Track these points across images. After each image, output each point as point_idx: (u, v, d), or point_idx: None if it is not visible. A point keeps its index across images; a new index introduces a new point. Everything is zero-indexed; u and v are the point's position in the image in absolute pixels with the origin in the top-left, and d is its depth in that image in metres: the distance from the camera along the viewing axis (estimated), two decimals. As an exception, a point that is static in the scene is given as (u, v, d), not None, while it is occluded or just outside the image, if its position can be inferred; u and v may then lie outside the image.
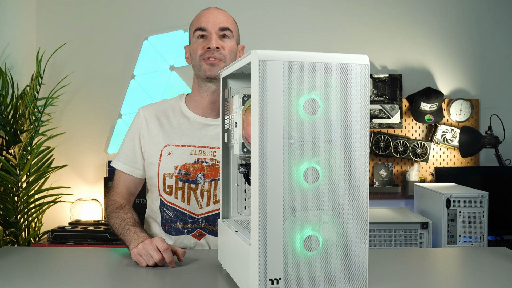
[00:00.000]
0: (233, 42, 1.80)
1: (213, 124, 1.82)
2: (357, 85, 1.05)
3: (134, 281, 1.38)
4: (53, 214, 3.58)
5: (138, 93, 3.74)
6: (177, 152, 1.79)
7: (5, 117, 3.06)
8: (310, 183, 1.04)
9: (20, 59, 3.49)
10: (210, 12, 1.79)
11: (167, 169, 1.78)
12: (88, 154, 3.73)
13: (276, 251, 1.00)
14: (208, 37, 1.77)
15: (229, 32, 1.78)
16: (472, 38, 3.90)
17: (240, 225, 1.32)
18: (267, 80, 0.99)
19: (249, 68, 1.20)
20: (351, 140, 1.06)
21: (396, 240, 2.94)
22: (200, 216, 1.77)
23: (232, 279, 1.28)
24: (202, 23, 1.77)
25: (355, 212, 1.06)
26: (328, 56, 1.03)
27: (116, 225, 1.70)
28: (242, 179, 1.45)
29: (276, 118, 0.99)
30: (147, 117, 1.84)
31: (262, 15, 3.79)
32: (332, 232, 1.06)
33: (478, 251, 1.78)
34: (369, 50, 3.82)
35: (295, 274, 1.03)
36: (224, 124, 1.44)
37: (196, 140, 1.80)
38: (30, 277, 1.39)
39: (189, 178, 1.76)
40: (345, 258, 1.06)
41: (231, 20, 1.82)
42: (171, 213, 1.78)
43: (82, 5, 3.73)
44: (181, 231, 1.77)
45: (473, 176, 3.68)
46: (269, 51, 0.99)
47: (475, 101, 3.85)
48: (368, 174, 1.06)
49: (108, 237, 3.00)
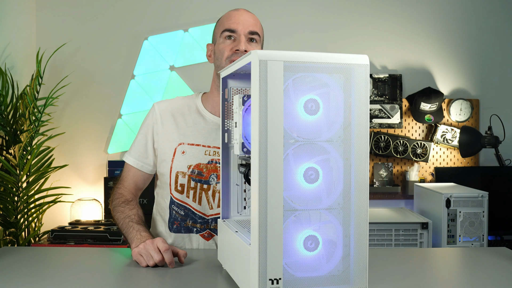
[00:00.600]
0: (259, 47, 1.78)
1: None
2: (357, 85, 1.05)
3: (134, 281, 1.38)
4: (53, 214, 3.58)
5: (138, 93, 3.74)
6: (192, 151, 1.77)
7: (5, 117, 3.06)
8: (310, 183, 1.04)
9: (20, 59, 3.49)
10: (240, 14, 1.77)
11: (180, 168, 1.76)
12: (88, 154, 3.74)
13: (276, 251, 1.00)
14: (236, 39, 1.74)
15: (257, 36, 1.76)
16: (472, 38, 3.90)
17: (240, 225, 1.32)
18: (267, 80, 0.99)
19: (249, 68, 1.21)
20: (351, 140, 1.05)
21: (396, 240, 2.94)
22: (210, 217, 1.76)
23: (232, 279, 1.28)
24: (232, 24, 1.74)
25: (355, 212, 1.06)
26: (328, 56, 1.03)
27: (120, 220, 1.69)
28: (242, 179, 1.45)
29: (276, 118, 0.99)
30: (162, 113, 1.81)
31: (262, 15, 3.78)
32: (332, 232, 1.06)
33: (478, 251, 1.78)
34: (369, 50, 3.82)
35: (295, 274, 1.03)
36: (224, 124, 1.44)
37: (211, 140, 1.78)
38: (30, 277, 1.38)
39: (202, 178, 1.75)
40: (345, 258, 1.06)
41: (260, 24, 1.80)
42: (181, 212, 1.77)
43: (82, 5, 3.73)
44: (190, 229, 1.76)
45: (473, 176, 3.68)
46: (269, 51, 0.99)
47: (475, 101, 3.85)
48: (368, 174, 1.06)
49: (108, 237, 3.00)
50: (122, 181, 1.84)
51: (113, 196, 1.80)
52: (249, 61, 1.06)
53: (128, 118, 3.73)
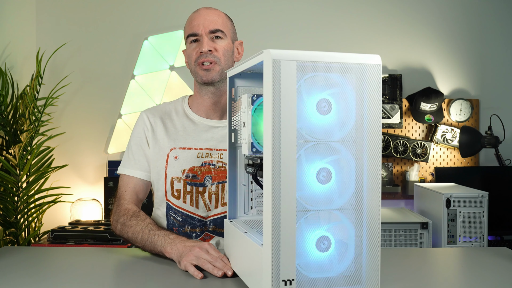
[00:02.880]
0: (227, 42, 1.77)
1: (219, 126, 1.80)
2: (369, 85, 1.05)
3: (134, 281, 1.37)
4: (53, 214, 3.57)
5: (138, 93, 3.73)
6: (184, 155, 1.76)
7: (5, 117, 3.05)
8: (322, 184, 1.03)
9: (20, 59, 3.48)
10: (199, 15, 1.76)
11: (174, 173, 1.74)
12: (88, 154, 3.73)
13: (289, 252, 0.99)
14: (200, 41, 1.74)
15: (221, 33, 1.75)
16: (472, 38, 3.91)
17: (248, 226, 1.32)
18: (280, 80, 0.98)
19: (256, 68, 1.20)
20: (364, 140, 1.05)
21: (396, 240, 2.94)
22: (208, 219, 1.75)
23: (240, 280, 1.27)
24: (193, 28, 1.75)
25: (367, 213, 1.05)
26: (340, 56, 1.03)
27: (136, 234, 1.60)
28: (248, 180, 1.44)
29: (289, 118, 0.98)
30: (152, 120, 1.80)
31: (264, 15, 3.79)
32: (344, 233, 1.06)
33: (478, 251, 1.78)
34: (369, 50, 3.82)
35: (307, 275, 1.03)
36: (231, 123, 1.43)
37: (202, 142, 1.77)
38: (30, 277, 1.37)
39: (197, 181, 1.73)
40: (357, 259, 1.06)
41: (222, 18, 1.78)
42: (179, 217, 1.75)
43: (82, 5, 3.72)
44: (189, 235, 1.74)
45: (473, 176, 3.68)
46: (282, 51, 0.99)
47: (475, 101, 3.85)
48: (380, 174, 1.06)
49: (108, 237, 2.99)
50: (122, 196, 1.76)
51: (117, 214, 1.71)
52: (260, 60, 1.05)
53: (128, 118, 3.72)
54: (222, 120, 1.82)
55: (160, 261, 1.51)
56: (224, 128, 1.79)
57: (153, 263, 1.51)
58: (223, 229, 1.72)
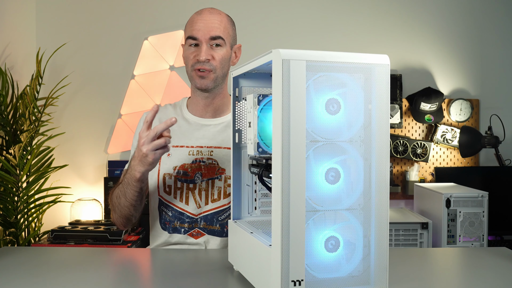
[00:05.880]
0: (225, 50, 1.79)
1: (210, 124, 1.86)
2: (377, 85, 1.05)
3: (134, 281, 1.37)
4: (53, 214, 3.56)
5: (138, 93, 3.72)
6: (176, 153, 1.82)
7: (5, 117, 3.04)
8: (331, 184, 1.03)
9: (20, 59, 3.47)
10: (202, 19, 1.76)
11: (166, 170, 1.81)
12: (88, 154, 3.72)
13: (298, 252, 0.99)
14: (199, 46, 1.77)
15: (221, 40, 1.76)
16: (472, 38, 3.92)
17: (253, 226, 1.31)
18: (290, 80, 0.98)
19: (262, 68, 1.20)
20: (372, 140, 1.05)
21: (396, 240, 2.94)
22: (199, 216, 1.78)
23: (245, 281, 1.27)
24: (194, 31, 1.76)
25: (376, 213, 1.05)
26: (349, 55, 1.03)
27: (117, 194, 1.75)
28: (252, 180, 1.44)
29: (298, 118, 0.98)
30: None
31: (264, 15, 3.79)
32: (352, 233, 1.05)
33: (478, 251, 1.78)
34: (369, 50, 3.82)
35: (316, 275, 1.02)
36: (235, 124, 1.42)
37: (194, 140, 1.83)
38: (30, 277, 1.37)
39: (188, 178, 1.79)
40: (365, 259, 1.06)
41: (225, 24, 1.79)
42: (169, 213, 1.80)
43: (82, 5, 3.72)
44: (178, 230, 1.79)
45: (473, 176, 3.69)
46: (291, 50, 0.98)
47: (475, 101, 3.86)
48: (388, 174, 1.06)
49: (108, 237, 2.98)
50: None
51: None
52: (269, 60, 1.05)
53: (128, 118, 3.71)
54: (213, 118, 1.88)
55: (160, 261, 1.51)
56: (216, 126, 1.85)
57: (153, 263, 1.50)
58: (213, 226, 1.77)
